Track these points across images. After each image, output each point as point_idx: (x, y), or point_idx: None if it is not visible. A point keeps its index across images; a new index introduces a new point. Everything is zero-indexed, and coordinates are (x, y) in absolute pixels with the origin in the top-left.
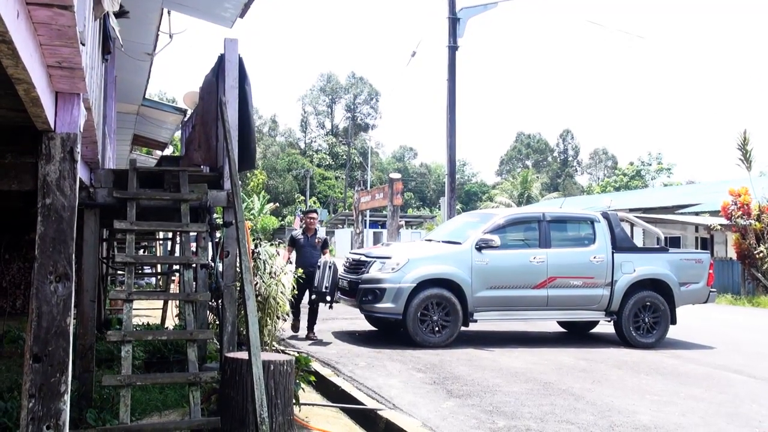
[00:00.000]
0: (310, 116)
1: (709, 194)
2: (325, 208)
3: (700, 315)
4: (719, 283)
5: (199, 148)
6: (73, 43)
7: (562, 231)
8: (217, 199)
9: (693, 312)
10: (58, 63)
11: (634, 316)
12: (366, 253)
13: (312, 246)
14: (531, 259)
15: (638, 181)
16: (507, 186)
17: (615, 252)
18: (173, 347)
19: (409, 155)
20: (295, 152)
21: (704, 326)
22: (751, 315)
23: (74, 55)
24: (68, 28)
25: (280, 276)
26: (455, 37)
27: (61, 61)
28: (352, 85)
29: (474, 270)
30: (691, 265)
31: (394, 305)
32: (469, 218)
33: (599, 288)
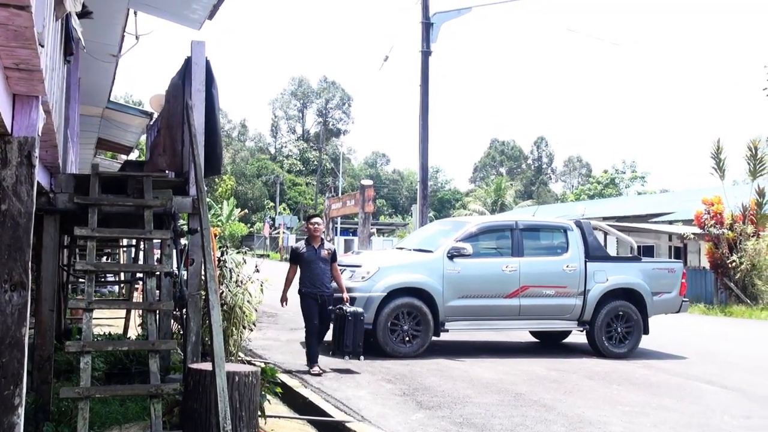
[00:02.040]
0: (280, 121)
1: (682, 203)
2: (295, 214)
3: (673, 325)
4: (692, 292)
5: (164, 152)
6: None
7: (535, 239)
8: (182, 206)
9: (666, 322)
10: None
11: (607, 325)
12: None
13: (320, 259)
14: (503, 268)
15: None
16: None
17: (588, 261)
18: (135, 358)
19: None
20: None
21: (677, 336)
22: (723, 325)
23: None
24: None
25: (247, 284)
26: (428, 42)
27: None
28: (323, 90)
29: (445, 279)
30: (664, 275)
31: (365, 313)
32: (441, 226)
33: (572, 297)
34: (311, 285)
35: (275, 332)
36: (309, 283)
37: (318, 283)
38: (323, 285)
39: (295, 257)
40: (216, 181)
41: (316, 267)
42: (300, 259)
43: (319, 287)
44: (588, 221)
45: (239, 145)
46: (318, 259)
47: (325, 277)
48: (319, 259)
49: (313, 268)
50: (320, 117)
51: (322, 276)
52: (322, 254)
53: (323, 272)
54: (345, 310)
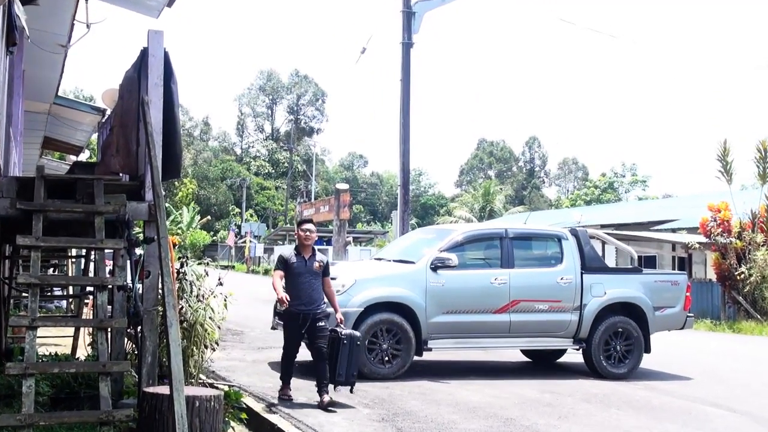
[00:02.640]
0: (247, 118)
1: (687, 209)
2: (263, 221)
3: (677, 342)
4: (697, 307)
5: (117, 153)
6: None
7: (527, 249)
8: (137, 212)
9: (669, 339)
10: None
11: (605, 343)
12: None
13: (311, 272)
14: (492, 281)
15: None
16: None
17: (584, 273)
18: (84, 381)
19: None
20: (230, 159)
21: (681, 355)
22: (732, 342)
23: None
24: None
25: (209, 299)
26: (410, 33)
27: None
28: (295, 84)
29: (429, 292)
30: (667, 288)
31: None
32: (424, 235)
33: (567, 313)
34: (298, 301)
35: (240, 352)
36: (296, 300)
37: (306, 300)
38: (312, 302)
39: (284, 264)
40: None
41: (306, 281)
42: (288, 270)
43: (307, 305)
44: (584, 229)
45: (201, 145)
46: (308, 272)
47: (315, 293)
48: (310, 272)
49: (301, 281)
50: (291, 114)
51: (311, 292)
52: (313, 266)
53: (313, 287)
54: (339, 332)
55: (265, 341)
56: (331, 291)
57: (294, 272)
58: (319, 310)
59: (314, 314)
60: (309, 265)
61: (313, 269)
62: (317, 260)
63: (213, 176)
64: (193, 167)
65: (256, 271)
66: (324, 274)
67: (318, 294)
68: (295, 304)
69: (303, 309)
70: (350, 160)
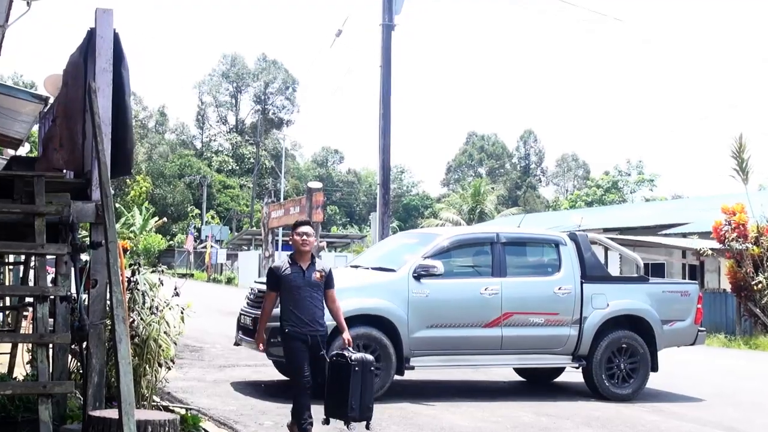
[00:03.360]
0: (208, 108)
1: (699, 212)
2: (226, 224)
3: (687, 359)
4: (710, 320)
5: (60, 147)
6: None
7: (521, 256)
8: (83, 213)
9: (678, 356)
10: None
11: (608, 361)
12: None
13: (310, 284)
14: (482, 291)
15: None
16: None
17: (584, 282)
18: (23, 404)
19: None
20: (189, 153)
21: (691, 373)
22: (748, 359)
23: None
24: None
25: (164, 311)
26: (391, 14)
27: None
28: (262, 71)
29: (411, 304)
30: (676, 299)
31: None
32: (406, 239)
33: (565, 326)
34: (298, 321)
35: (200, 371)
36: (295, 319)
37: (308, 318)
38: (315, 321)
39: (275, 281)
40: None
41: (305, 295)
42: (282, 283)
43: (309, 324)
44: (585, 234)
45: (157, 138)
46: (307, 285)
47: (317, 310)
48: (309, 284)
49: (300, 297)
50: (258, 104)
51: (312, 308)
52: (313, 277)
53: (315, 303)
54: (348, 356)
55: (228, 359)
56: (337, 307)
57: (290, 285)
58: (321, 329)
59: (317, 336)
60: (308, 276)
61: (313, 280)
62: (318, 269)
63: (169, 173)
64: (146, 163)
65: (217, 279)
66: (326, 286)
67: (321, 311)
68: (294, 322)
69: (309, 330)
70: (324, 156)
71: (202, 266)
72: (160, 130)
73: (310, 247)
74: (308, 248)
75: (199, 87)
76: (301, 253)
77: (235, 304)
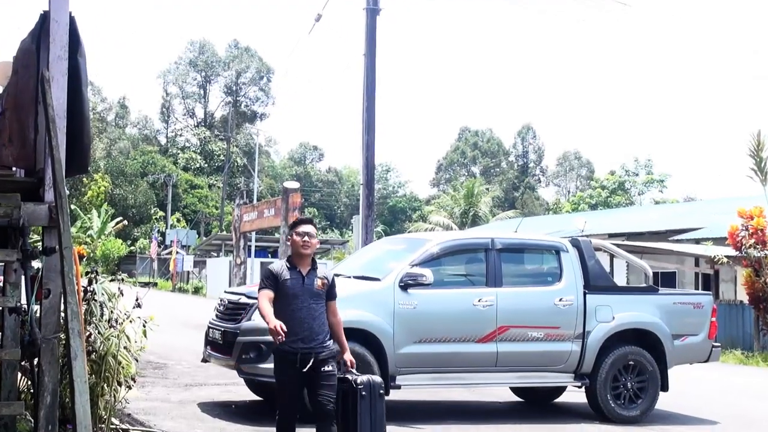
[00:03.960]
0: (174, 100)
1: (713, 215)
2: (194, 228)
3: (700, 378)
4: (725, 334)
5: (9, 142)
6: None
7: (518, 264)
8: (35, 216)
9: (690, 373)
10: None
11: (613, 379)
12: (248, 292)
13: (311, 293)
14: (475, 302)
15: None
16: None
17: (588, 293)
18: None
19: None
20: (153, 150)
21: (705, 393)
22: (767, 377)
23: None
24: None
25: (124, 324)
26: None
27: None
28: (234, 59)
29: (397, 317)
30: (688, 311)
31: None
32: (392, 245)
33: (566, 342)
34: (293, 336)
35: (163, 390)
36: (290, 334)
37: (306, 333)
38: (314, 337)
39: (274, 282)
40: (83, 181)
41: (303, 306)
42: (279, 289)
43: (307, 340)
44: (588, 239)
45: (117, 133)
46: (306, 294)
47: (318, 324)
48: (309, 293)
49: (297, 307)
50: (229, 95)
51: (311, 321)
52: (314, 285)
53: (314, 315)
54: (353, 380)
55: (195, 377)
56: (338, 321)
57: (286, 293)
58: (324, 348)
59: (317, 354)
60: (308, 284)
61: (314, 289)
62: (319, 276)
63: (131, 171)
64: (105, 160)
65: (183, 289)
66: (328, 296)
67: (321, 325)
68: (290, 340)
69: (301, 347)
70: (302, 153)
71: (167, 274)
72: (120, 124)
73: (312, 249)
74: (310, 251)
75: (164, 76)
76: (301, 257)
77: (202, 317)
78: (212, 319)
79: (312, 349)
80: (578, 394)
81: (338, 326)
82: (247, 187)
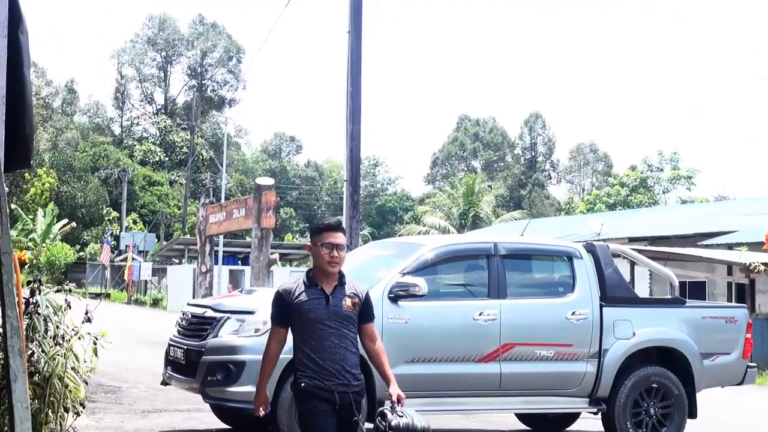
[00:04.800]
0: (130, 84)
1: (747, 217)
2: (153, 231)
3: (733, 402)
4: (762, 353)
5: None
6: None
7: (525, 272)
8: None
9: (722, 397)
10: None
11: (634, 405)
12: (215, 305)
13: (339, 316)
14: (476, 316)
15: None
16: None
17: (605, 305)
18: None
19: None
20: (106, 141)
21: (739, 419)
22: None
23: None
24: None
25: (72, 342)
26: None
27: None
28: (198, 36)
29: (386, 333)
30: (720, 327)
31: None
32: (380, 250)
33: (580, 361)
34: (319, 371)
35: (117, 417)
36: (315, 368)
37: (335, 367)
38: (346, 370)
39: (285, 311)
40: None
41: (331, 333)
42: (295, 315)
43: (337, 375)
44: (605, 244)
45: (64, 121)
46: (334, 318)
47: (350, 354)
48: (337, 316)
49: (324, 335)
50: (193, 78)
51: (343, 351)
52: (342, 306)
53: (344, 344)
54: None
55: (153, 402)
56: (378, 349)
57: (306, 319)
58: (355, 383)
59: (353, 394)
60: (334, 304)
61: (343, 311)
62: (349, 294)
63: (80, 165)
64: (51, 152)
65: (140, 301)
66: (362, 318)
67: (353, 356)
68: (314, 374)
69: (330, 384)
70: (277, 145)
71: (121, 284)
72: (68, 111)
73: (341, 266)
74: (338, 268)
75: (119, 57)
76: (326, 272)
77: (162, 333)
78: (173, 336)
79: (347, 385)
80: (594, 421)
81: (379, 354)
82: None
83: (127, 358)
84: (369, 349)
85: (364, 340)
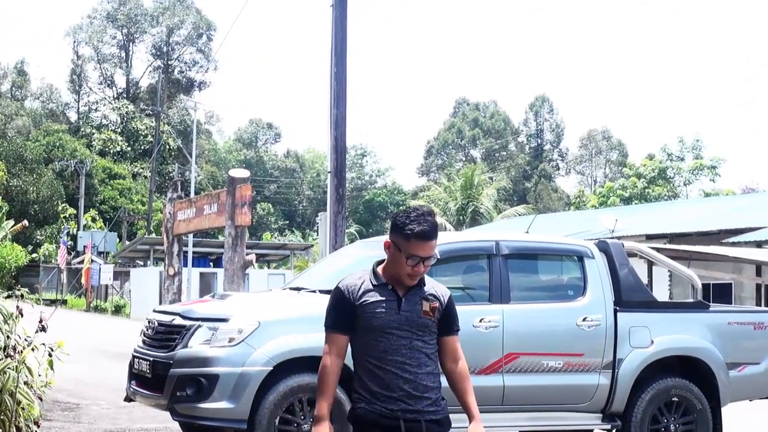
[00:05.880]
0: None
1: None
2: (114, 230)
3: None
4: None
5: None
6: None
7: (530, 273)
8: None
9: (750, 413)
10: None
11: (652, 420)
12: (184, 311)
13: (411, 324)
14: (476, 323)
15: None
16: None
17: (619, 310)
18: None
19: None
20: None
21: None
22: None
23: None
24: None
25: (25, 354)
26: None
27: None
28: (164, 12)
29: None
30: (748, 333)
31: (233, 405)
32: (369, 250)
33: (592, 373)
34: (382, 392)
35: None
36: (377, 388)
37: (405, 388)
38: (418, 392)
39: (347, 314)
40: None
41: (402, 345)
42: (360, 319)
43: (409, 400)
44: (620, 242)
45: (13, 107)
46: (406, 326)
47: (424, 373)
48: (411, 324)
49: (392, 347)
50: (158, 59)
51: (416, 369)
52: (417, 312)
53: (420, 359)
54: None
55: (116, 420)
56: (462, 372)
57: (372, 326)
58: (438, 411)
59: (427, 423)
60: (407, 309)
61: (420, 318)
62: (424, 295)
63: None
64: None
65: (101, 308)
66: (443, 328)
67: (430, 374)
68: (380, 398)
69: (402, 409)
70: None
71: (79, 289)
72: (18, 96)
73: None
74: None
75: (74, 34)
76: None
77: (126, 343)
78: (138, 346)
79: (417, 411)
80: None
81: (463, 379)
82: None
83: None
84: (449, 370)
85: (443, 358)
